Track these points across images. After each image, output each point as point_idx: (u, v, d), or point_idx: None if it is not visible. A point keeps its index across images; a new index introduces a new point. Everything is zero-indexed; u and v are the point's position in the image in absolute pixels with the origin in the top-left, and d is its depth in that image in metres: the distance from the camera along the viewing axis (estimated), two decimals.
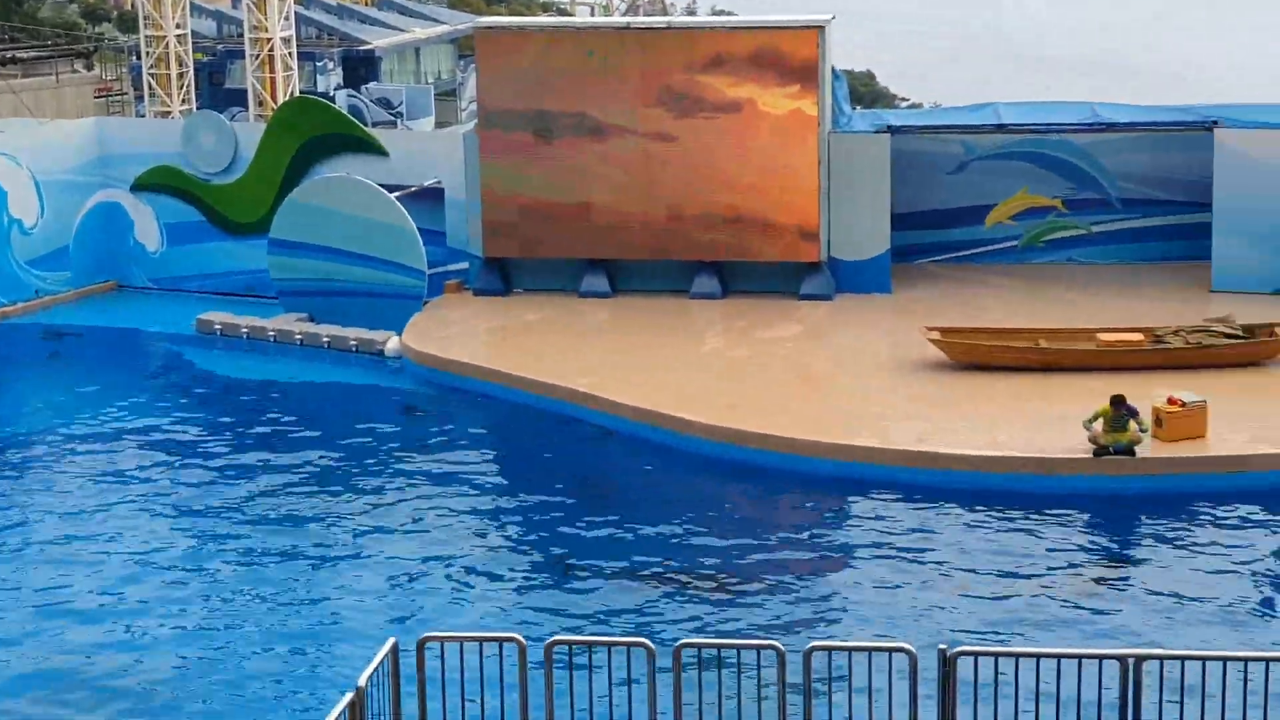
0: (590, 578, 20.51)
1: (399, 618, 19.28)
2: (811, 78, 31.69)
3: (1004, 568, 20.57)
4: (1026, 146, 33.88)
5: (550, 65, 32.37)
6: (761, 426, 24.75)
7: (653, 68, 32.04)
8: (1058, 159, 33.94)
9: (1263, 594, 19.77)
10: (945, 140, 34.02)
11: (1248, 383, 26.29)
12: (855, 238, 32.32)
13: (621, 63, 32.13)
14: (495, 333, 30.86)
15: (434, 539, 22.04)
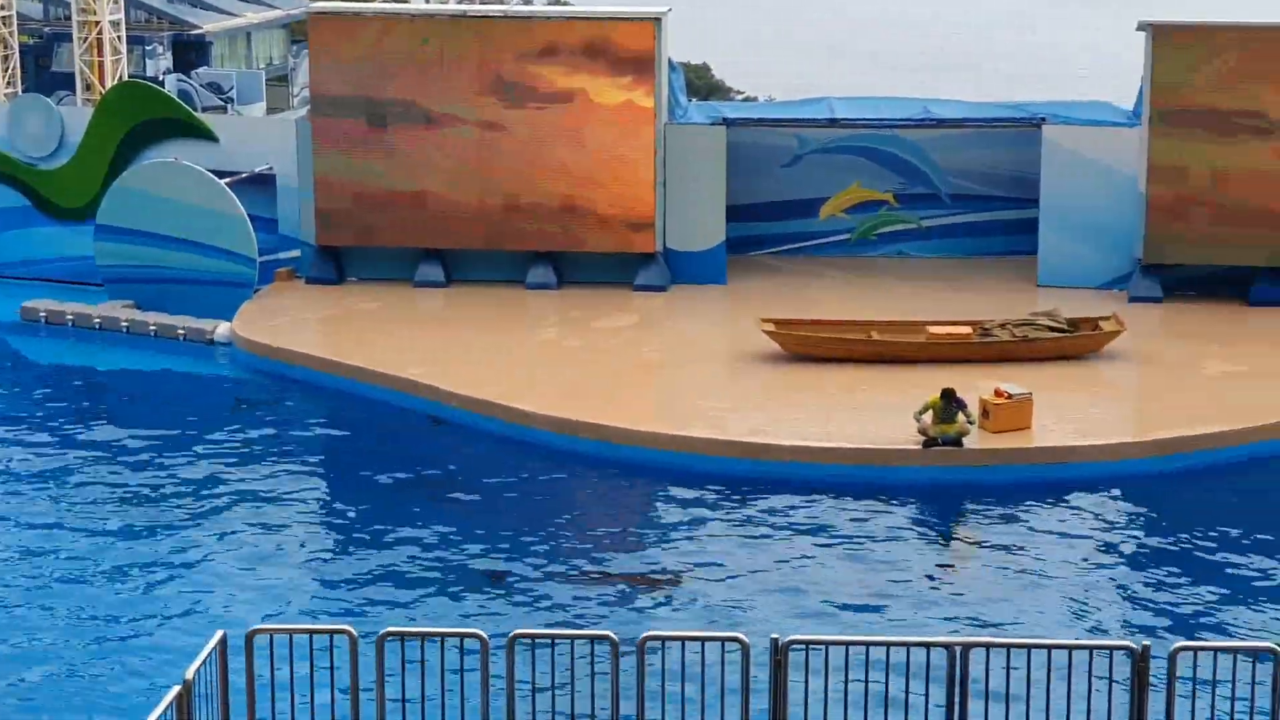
0: (423, 569, 20.37)
1: (228, 610, 19.00)
2: (648, 69, 31.72)
3: (836, 557, 20.76)
4: (859, 141, 34.20)
5: (385, 51, 32.07)
6: (595, 416, 24.75)
7: (488, 56, 31.87)
8: (890, 154, 34.32)
9: (1086, 583, 20.13)
10: (780, 133, 34.23)
11: (1072, 376, 26.78)
12: (691, 229, 32.43)
13: (457, 50, 31.93)
14: (327, 322, 30.55)
15: (264, 530, 21.76)
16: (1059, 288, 31.47)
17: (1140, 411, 26.20)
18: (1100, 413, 25.37)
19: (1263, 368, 27.30)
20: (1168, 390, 26.44)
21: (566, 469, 24.10)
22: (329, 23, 32.49)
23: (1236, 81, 30.62)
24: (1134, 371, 27.39)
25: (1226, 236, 30.95)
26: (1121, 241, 31.64)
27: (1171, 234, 31.12)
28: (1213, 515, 22.20)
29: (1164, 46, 30.92)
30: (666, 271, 32.33)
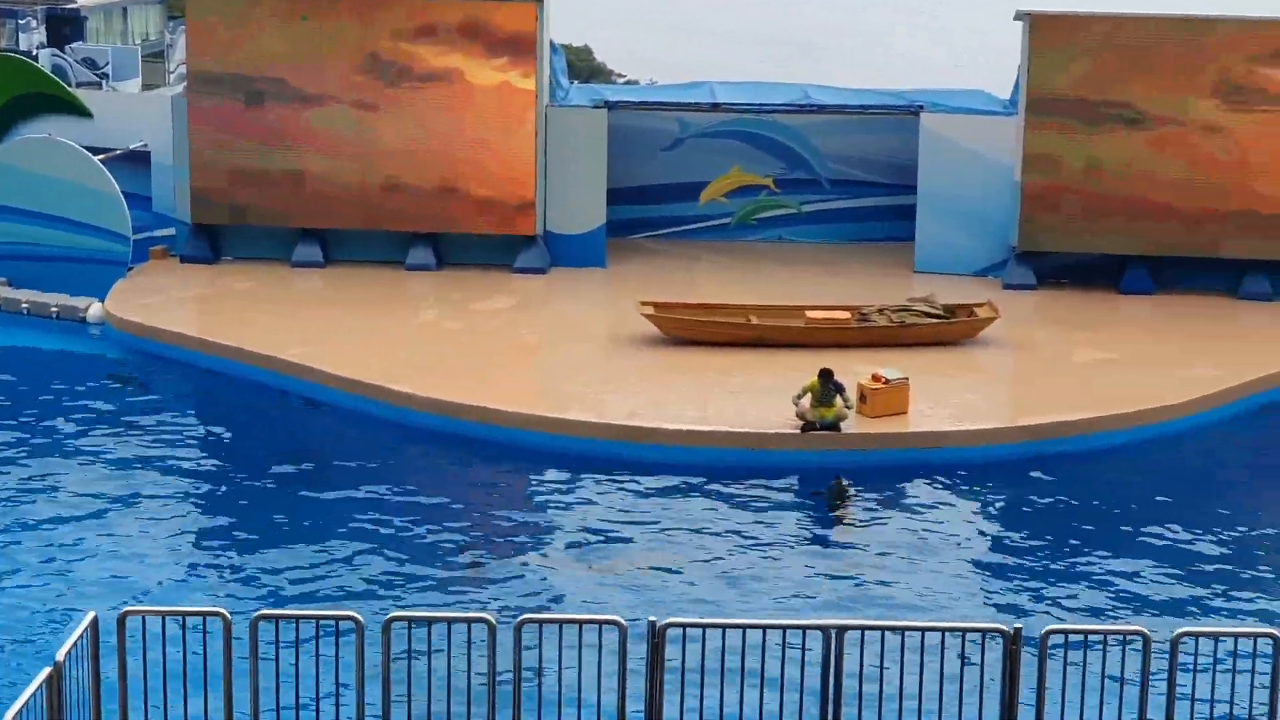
0: (298, 551, 20.21)
1: (101, 592, 18.76)
2: (529, 51, 31.64)
3: (713, 540, 20.84)
4: (740, 126, 34.34)
5: (262, 28, 31.74)
6: (474, 399, 24.68)
7: (366, 34, 31.65)
8: (770, 139, 34.49)
9: (959, 566, 20.36)
10: (661, 117, 34.29)
11: (948, 361, 27.06)
12: (571, 212, 32.41)
13: (335, 28, 31.67)
14: (203, 301, 30.22)
15: (138, 511, 21.50)
16: (936, 274, 31.80)
17: (1013, 397, 26.53)
18: (975, 398, 25.66)
19: (1132, 355, 27.73)
20: (1040, 376, 26.79)
21: (445, 451, 24.02)
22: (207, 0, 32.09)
23: (1111, 71, 31.04)
24: (1008, 358, 27.73)
25: (1099, 225, 31.40)
26: (997, 229, 32.01)
27: (1045, 222, 31.52)
28: (1082, 500, 22.53)
29: (1040, 36, 31.27)
30: (546, 254, 32.29)
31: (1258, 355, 27.70)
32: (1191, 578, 19.93)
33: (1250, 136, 30.91)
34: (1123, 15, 31.32)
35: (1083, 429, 24.38)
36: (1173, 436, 24.91)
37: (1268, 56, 30.72)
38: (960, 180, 32.01)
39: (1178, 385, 25.95)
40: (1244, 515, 22.16)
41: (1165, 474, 23.88)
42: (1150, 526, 21.54)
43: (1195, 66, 30.87)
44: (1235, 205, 31.08)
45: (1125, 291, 31.45)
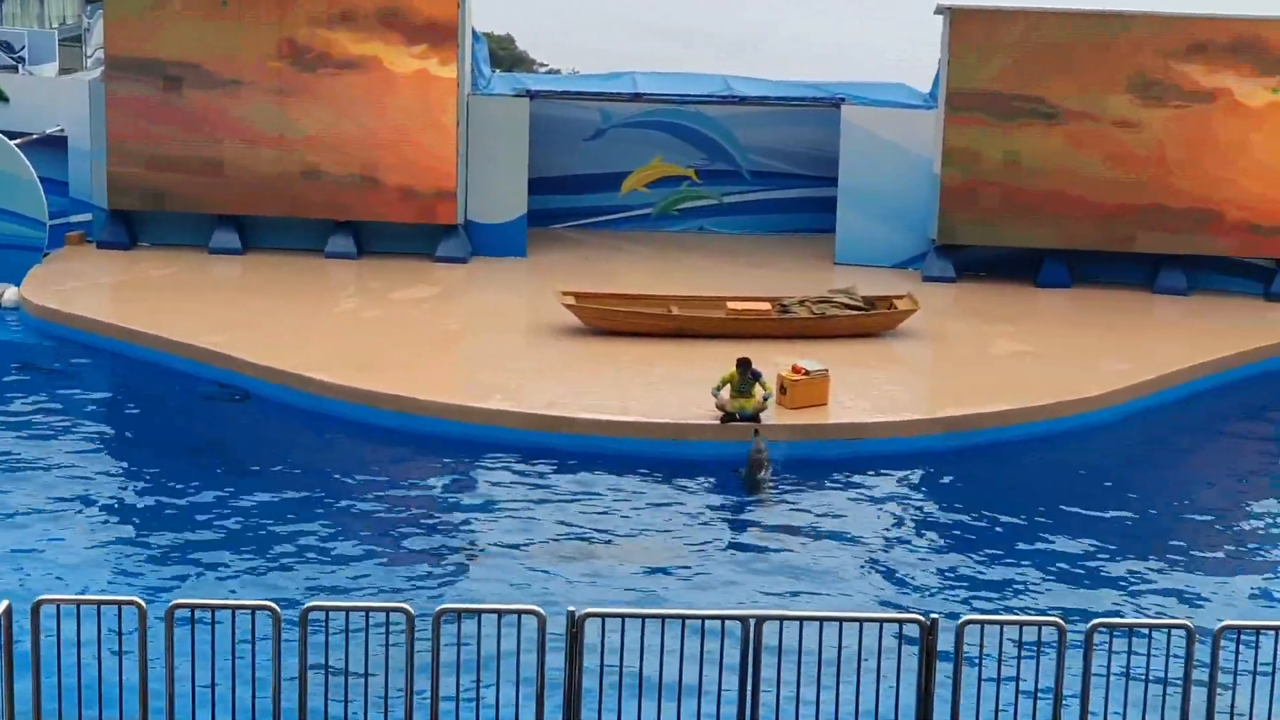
0: (216, 540, 20.07)
1: (16, 581, 18.55)
2: (450, 39, 31.54)
3: (633, 530, 20.85)
4: (663, 116, 34.40)
5: (182, 13, 31.51)
6: (393, 388, 24.59)
7: (285, 20, 31.47)
8: (692, 130, 34.58)
9: (877, 557, 20.46)
10: (583, 107, 34.29)
11: (868, 353, 27.20)
12: (492, 201, 32.37)
13: (255, 13, 31.45)
14: (120, 287, 29.96)
15: (53, 500, 21.26)
16: (856, 266, 32.01)
17: (932, 389, 26.69)
18: (894, 389, 25.80)
19: (1048, 348, 27.97)
20: (958, 368, 26.97)
21: (364, 440, 23.91)
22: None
23: (1028, 66, 31.31)
24: (927, 349, 27.90)
25: (1016, 219, 31.67)
26: (916, 222, 32.23)
27: (964, 216, 31.77)
28: (1000, 491, 22.70)
29: (960, 31, 31.48)
30: (467, 243, 32.22)
31: (1172, 349, 28.01)
32: (1108, 568, 20.12)
33: (1164, 132, 31.24)
34: (1041, 10, 31.58)
35: (1000, 421, 24.57)
36: (1089, 428, 25.15)
37: (1182, 52, 31.03)
38: (880, 173, 32.20)
39: (1094, 378, 26.20)
40: (1160, 506, 22.39)
41: (1082, 466, 24.09)
42: (1067, 518, 21.73)
43: (1111, 62, 31.17)
44: (1150, 200, 31.41)
45: (1042, 285, 31.74)
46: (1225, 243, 31.51)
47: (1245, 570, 20.52)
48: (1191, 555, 20.71)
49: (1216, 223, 31.39)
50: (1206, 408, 26.80)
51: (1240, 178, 31.24)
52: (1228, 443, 25.95)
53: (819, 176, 34.36)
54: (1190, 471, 24.27)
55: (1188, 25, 31.11)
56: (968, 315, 29.82)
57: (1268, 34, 30.98)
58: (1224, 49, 31.00)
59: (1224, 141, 31.16)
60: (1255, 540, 21.62)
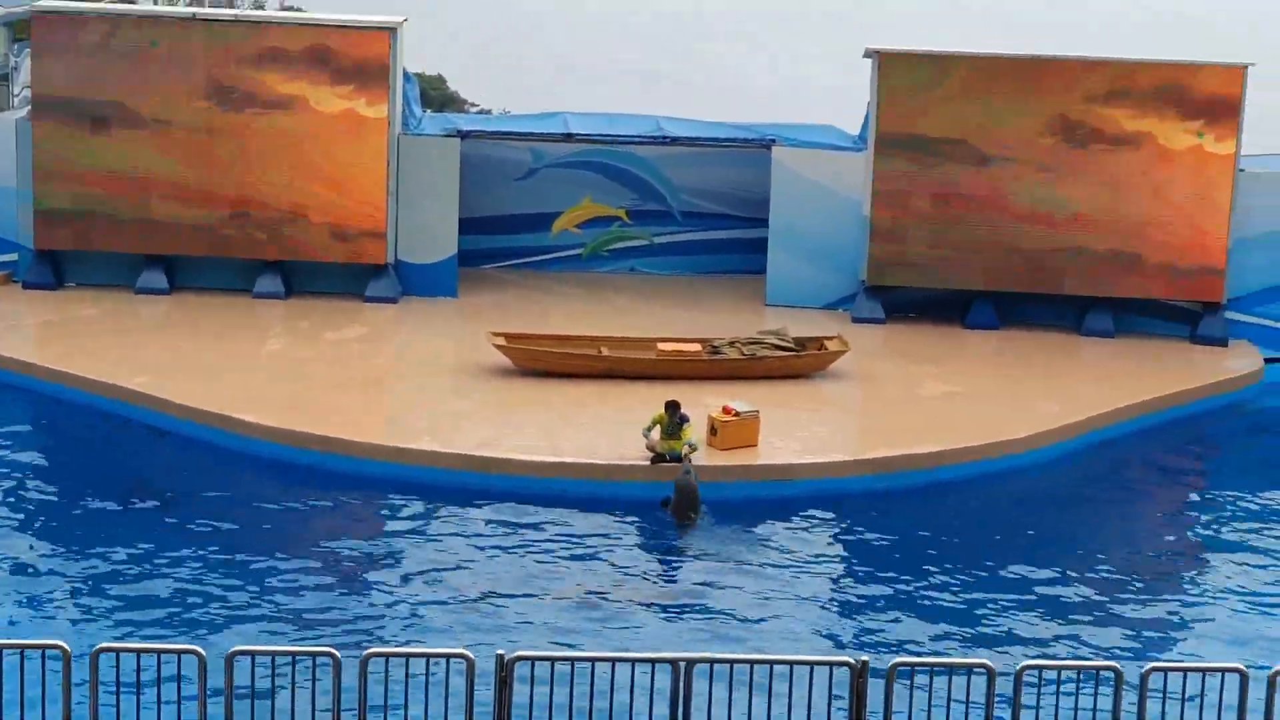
0: (140, 584, 19.85)
1: None
2: (382, 79, 31.49)
3: (563, 573, 20.77)
4: (593, 156, 34.43)
5: (110, 52, 31.32)
6: (322, 429, 24.43)
7: (213, 60, 31.31)
8: (623, 170, 34.62)
9: (807, 598, 20.45)
10: (514, 147, 34.28)
11: (798, 394, 27.25)
12: (423, 241, 32.28)
13: (185, 53, 31.31)
14: (46, 327, 29.67)
15: None
16: (787, 307, 32.10)
17: (861, 430, 26.76)
18: (824, 430, 25.84)
19: (976, 389, 28.11)
20: (887, 409, 27.05)
21: (293, 482, 23.72)
22: (53, 21, 31.60)
23: (957, 108, 31.51)
24: (856, 391, 27.97)
25: (944, 261, 31.84)
26: (846, 263, 32.35)
27: (893, 257, 31.91)
28: (930, 533, 22.73)
29: (889, 73, 31.68)
30: (397, 283, 32.12)
31: (1099, 391, 28.20)
32: (1036, 610, 20.18)
33: (1087, 177, 31.48)
34: (970, 55, 31.81)
35: (929, 462, 24.65)
36: (1018, 470, 25.27)
37: (1104, 96, 31.32)
38: (811, 214, 32.32)
39: (1022, 419, 26.34)
40: (1086, 548, 22.49)
41: (1011, 507, 24.19)
42: (996, 559, 21.80)
43: (1033, 107, 31.41)
44: (1076, 243, 31.65)
45: (971, 326, 31.92)
46: (1151, 285, 31.78)
47: (1173, 612, 20.64)
48: (1120, 597, 20.80)
49: (1142, 265, 31.65)
50: (1134, 449, 26.98)
51: (1165, 221, 31.52)
52: (1155, 484, 26.12)
53: (750, 217, 34.47)
54: (1118, 513, 24.41)
55: (1111, 69, 31.39)
56: (897, 356, 29.95)
57: (1189, 79, 31.31)
58: (1147, 93, 31.30)
59: (1147, 185, 31.44)
60: (1182, 582, 21.75)
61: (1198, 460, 27.72)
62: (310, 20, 32.72)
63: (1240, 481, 26.00)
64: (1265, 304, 32.07)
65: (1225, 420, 28.92)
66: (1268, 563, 22.21)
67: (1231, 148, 31.38)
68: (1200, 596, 21.16)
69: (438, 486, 23.33)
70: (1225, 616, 20.39)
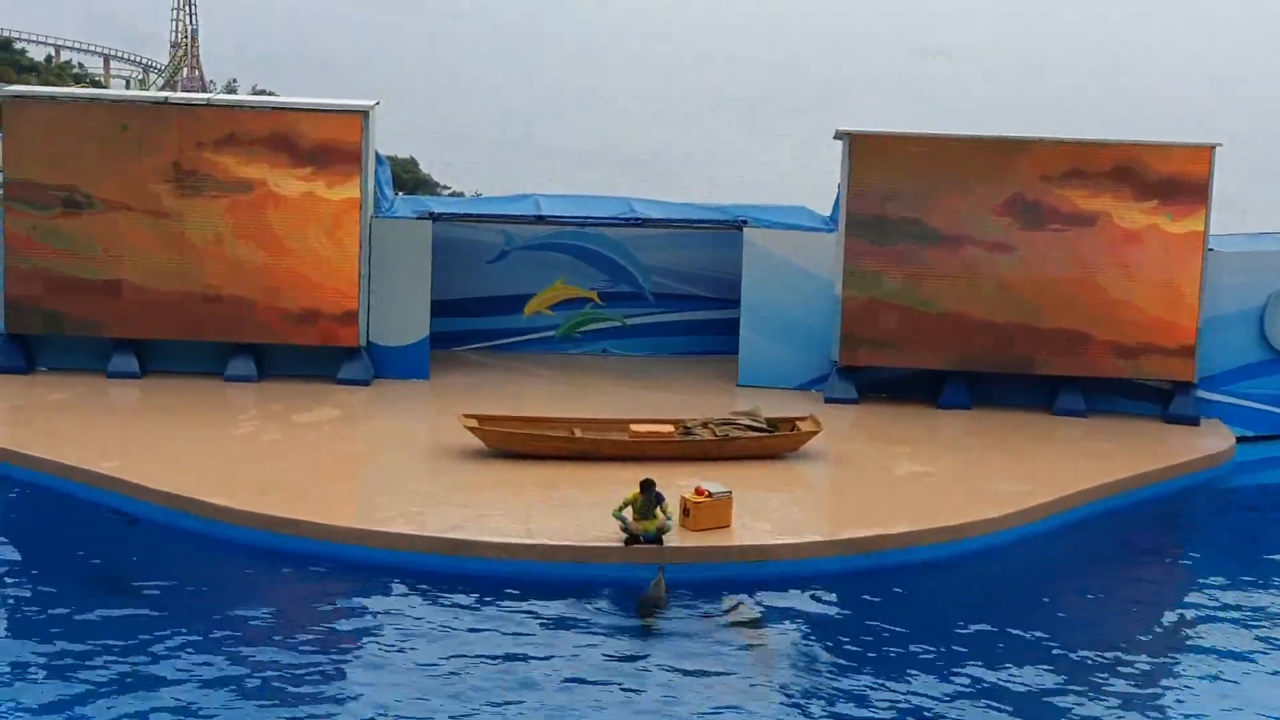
0: (108, 675, 19.68)
1: None
2: (354, 162, 31.56)
3: (535, 657, 20.65)
4: (565, 238, 34.50)
5: (83, 137, 31.35)
6: (293, 512, 24.32)
7: (186, 143, 31.36)
8: (594, 251, 34.69)
9: (782, 683, 20.36)
10: (486, 229, 34.34)
11: (771, 474, 27.23)
12: (395, 324, 32.26)
13: (158, 137, 31.37)
14: (14, 412, 29.52)
15: None
16: (759, 388, 32.12)
17: (835, 510, 26.72)
18: (797, 511, 25.80)
19: (949, 469, 28.12)
20: (860, 490, 27.04)
21: (263, 566, 23.59)
22: (24, 106, 31.64)
23: (926, 189, 31.70)
24: (829, 471, 27.96)
25: (916, 341, 31.92)
26: (818, 343, 32.41)
27: (865, 337, 31.99)
28: (904, 615, 22.68)
29: (859, 155, 31.87)
30: (369, 366, 32.08)
31: (1072, 470, 28.23)
32: (1007, 696, 20.11)
33: (1056, 256, 31.63)
34: (939, 136, 32.02)
35: (903, 542, 24.62)
36: (991, 550, 25.25)
37: (1066, 176, 31.50)
38: (783, 295, 32.41)
39: (995, 499, 26.35)
40: (1060, 630, 22.44)
41: (985, 588, 24.16)
42: (972, 642, 21.75)
43: (998, 186, 31.60)
44: (1046, 323, 31.77)
45: (943, 406, 31.96)
46: (1121, 365, 31.89)
47: (1150, 699, 20.58)
48: (1095, 681, 20.75)
49: (1112, 345, 31.76)
50: (1106, 529, 26.97)
51: (1135, 300, 31.67)
52: (1129, 564, 26.09)
53: (722, 298, 34.55)
54: (1093, 594, 24.38)
55: (1074, 149, 31.62)
56: (870, 436, 29.96)
57: (1156, 158, 31.55)
58: (1112, 173, 31.52)
59: (1116, 264, 31.60)
60: (1157, 666, 21.70)
61: (1170, 540, 27.72)
62: (281, 104, 32.75)
63: (1214, 561, 26.03)
64: (1236, 382, 32.20)
65: (1198, 499, 28.94)
66: (1245, 646, 22.16)
67: (1200, 226, 31.58)
68: (1174, 682, 21.10)
69: (410, 569, 23.23)
70: (1201, 702, 20.33)
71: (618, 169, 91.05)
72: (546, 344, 34.83)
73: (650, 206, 34.43)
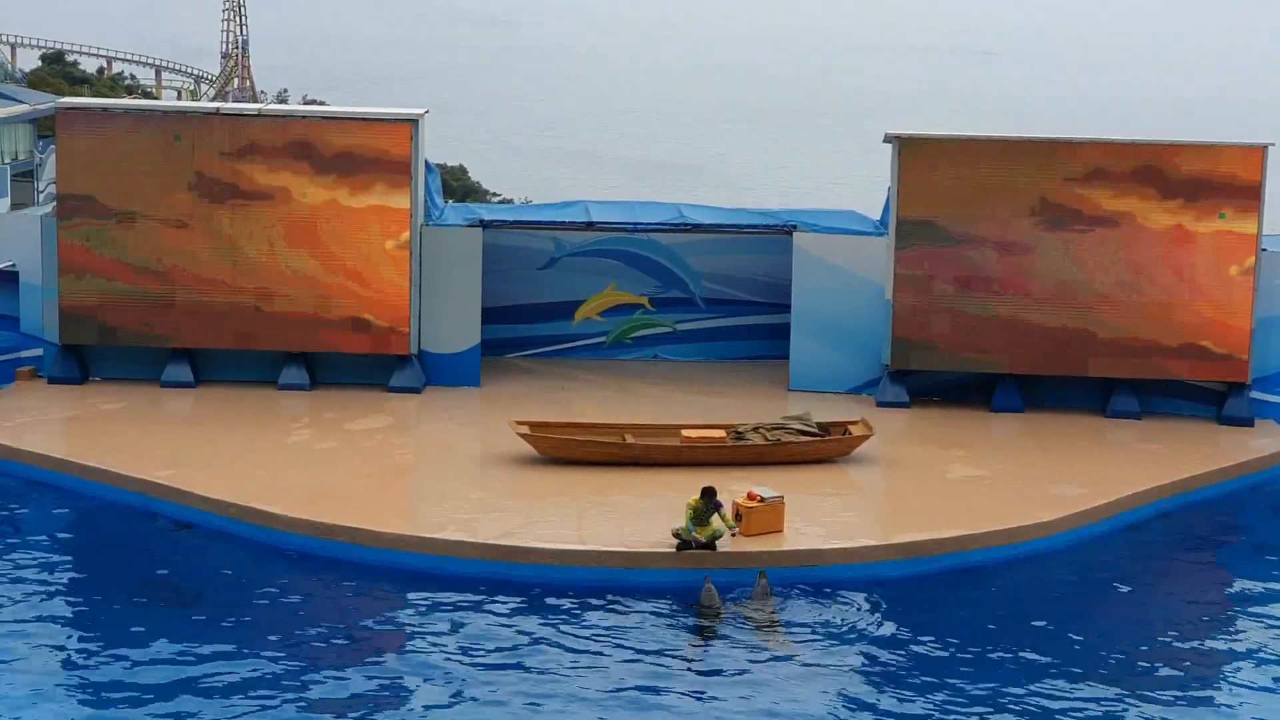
0: (166, 680, 19.79)
1: None
2: (404, 171, 31.65)
3: (589, 663, 20.67)
4: (615, 244, 34.51)
5: (135, 148, 31.55)
6: (348, 519, 24.41)
7: (242, 155, 31.52)
8: (645, 257, 34.68)
9: (838, 685, 20.31)
10: (536, 236, 34.39)
11: (823, 479, 27.16)
12: (446, 331, 32.33)
13: (209, 148, 31.53)
14: (70, 422, 29.72)
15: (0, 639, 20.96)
16: (810, 392, 32.06)
17: (887, 514, 26.64)
18: (850, 515, 25.74)
19: (1003, 472, 28.00)
20: (913, 494, 26.95)
21: (317, 573, 23.69)
22: (76, 117, 31.86)
23: (977, 192, 31.56)
24: (882, 475, 27.88)
25: (968, 344, 31.79)
26: (869, 347, 32.32)
27: (916, 341, 31.88)
28: (959, 619, 22.60)
29: (909, 158, 31.77)
30: (421, 373, 32.15)
31: (1125, 473, 28.07)
32: (1064, 698, 20.02)
33: (1109, 258, 31.44)
34: (990, 139, 31.89)
35: (956, 546, 24.53)
36: (1044, 553, 25.14)
37: (1125, 178, 31.32)
38: (833, 299, 32.33)
39: (1049, 503, 26.22)
40: (1115, 634, 22.33)
41: (1040, 592, 24.05)
42: (1027, 645, 21.65)
43: (1050, 188, 31.43)
44: (1101, 325, 31.58)
45: (996, 409, 31.82)
46: (1175, 367, 31.70)
47: (1205, 700, 20.45)
48: (1151, 683, 20.62)
49: (1166, 347, 31.58)
50: (1161, 531, 26.82)
51: (1189, 302, 31.48)
52: (1184, 566, 25.93)
53: (772, 303, 34.49)
54: (1149, 598, 24.24)
55: (1134, 151, 31.42)
56: (922, 440, 29.85)
57: (1211, 160, 31.30)
58: (1169, 176, 31.32)
59: (1170, 266, 31.40)
60: (1213, 668, 21.57)
61: (1226, 541, 27.52)
62: (333, 114, 32.91)
63: (1269, 563, 25.84)
64: None
65: (1253, 500, 28.74)
66: None
67: (1254, 228, 31.37)
68: (1229, 683, 20.97)
69: (463, 577, 23.28)
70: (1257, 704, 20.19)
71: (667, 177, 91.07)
72: (597, 350, 34.85)
73: (700, 212, 34.40)
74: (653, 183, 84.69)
